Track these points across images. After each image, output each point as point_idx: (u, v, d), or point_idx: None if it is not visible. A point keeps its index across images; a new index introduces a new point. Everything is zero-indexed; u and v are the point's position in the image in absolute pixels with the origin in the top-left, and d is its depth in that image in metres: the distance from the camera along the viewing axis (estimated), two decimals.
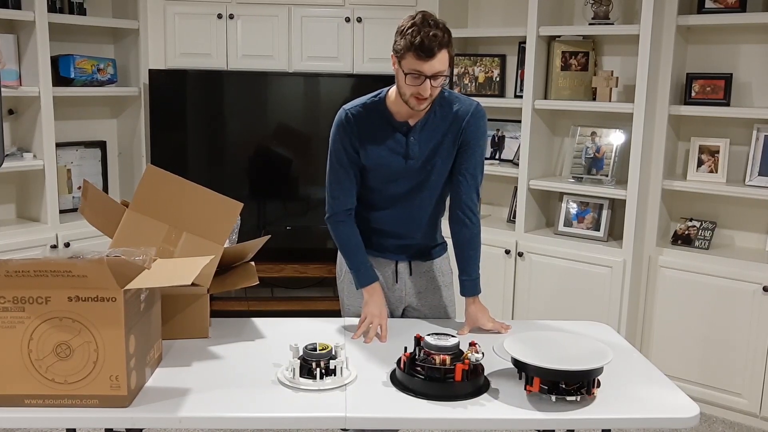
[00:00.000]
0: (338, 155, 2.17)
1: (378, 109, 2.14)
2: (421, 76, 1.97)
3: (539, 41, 3.65)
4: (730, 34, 3.41)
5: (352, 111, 2.15)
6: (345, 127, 2.15)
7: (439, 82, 2.00)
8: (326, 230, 2.26)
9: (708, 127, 3.50)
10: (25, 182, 3.66)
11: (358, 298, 2.29)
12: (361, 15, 3.96)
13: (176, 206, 2.02)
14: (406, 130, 2.14)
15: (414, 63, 1.96)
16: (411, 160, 2.15)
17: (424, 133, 2.14)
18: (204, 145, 4.00)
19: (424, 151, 2.15)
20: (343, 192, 2.19)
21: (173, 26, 3.91)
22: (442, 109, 2.15)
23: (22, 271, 1.54)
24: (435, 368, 1.73)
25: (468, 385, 1.73)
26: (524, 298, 3.72)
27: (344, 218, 2.21)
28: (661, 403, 1.71)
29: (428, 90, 1.98)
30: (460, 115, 2.15)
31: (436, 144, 2.15)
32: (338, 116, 2.17)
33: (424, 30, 1.93)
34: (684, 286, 3.37)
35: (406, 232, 2.26)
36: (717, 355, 3.31)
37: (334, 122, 2.18)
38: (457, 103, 2.16)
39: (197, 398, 1.67)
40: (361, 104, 2.17)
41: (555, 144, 3.93)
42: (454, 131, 2.15)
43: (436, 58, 1.95)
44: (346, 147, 2.15)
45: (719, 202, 3.51)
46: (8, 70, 3.45)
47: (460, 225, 2.21)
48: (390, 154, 2.15)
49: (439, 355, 1.76)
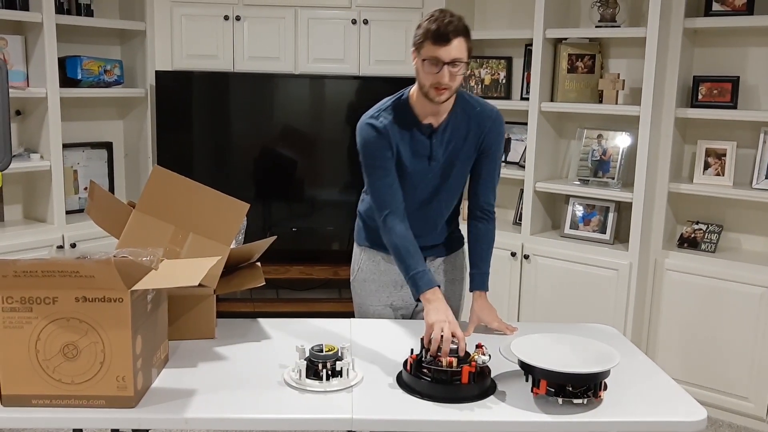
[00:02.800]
0: (380, 162, 2.12)
1: (403, 110, 2.14)
2: (438, 63, 1.99)
3: (546, 44, 3.65)
4: (738, 37, 3.40)
5: (382, 118, 2.13)
6: (381, 134, 2.11)
7: (457, 70, 2.01)
8: (332, 232, 2.26)
9: (715, 129, 3.49)
10: (32, 183, 3.67)
11: (370, 297, 2.30)
12: (367, 17, 3.97)
13: (183, 207, 2.02)
14: (429, 132, 2.15)
15: (431, 50, 1.99)
16: (434, 161, 2.17)
17: (446, 135, 2.16)
18: (210, 147, 4.01)
19: (446, 153, 2.17)
20: (391, 192, 2.13)
21: (180, 28, 3.92)
22: (464, 111, 2.17)
23: (30, 272, 1.54)
24: (442, 370, 1.73)
25: (475, 387, 1.73)
26: (530, 301, 3.72)
27: (397, 222, 2.12)
28: (668, 406, 1.71)
29: (446, 77, 2.00)
30: (482, 118, 2.18)
31: (458, 146, 2.17)
32: (366, 126, 2.13)
33: (440, 18, 1.98)
34: (690, 289, 3.36)
35: (422, 234, 2.25)
36: (723, 359, 3.30)
37: (361, 132, 2.14)
38: (478, 106, 2.19)
39: (203, 399, 1.67)
40: (386, 108, 2.15)
41: (561, 146, 3.93)
42: (475, 135, 2.18)
43: (452, 44, 1.98)
44: (386, 153, 2.11)
45: (726, 205, 3.50)
46: (16, 71, 3.46)
47: (476, 222, 2.27)
48: (415, 156, 2.16)
49: (445, 357, 1.76)
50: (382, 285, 2.32)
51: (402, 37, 3.98)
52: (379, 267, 2.32)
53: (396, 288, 2.32)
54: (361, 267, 2.35)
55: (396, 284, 2.31)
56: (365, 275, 2.34)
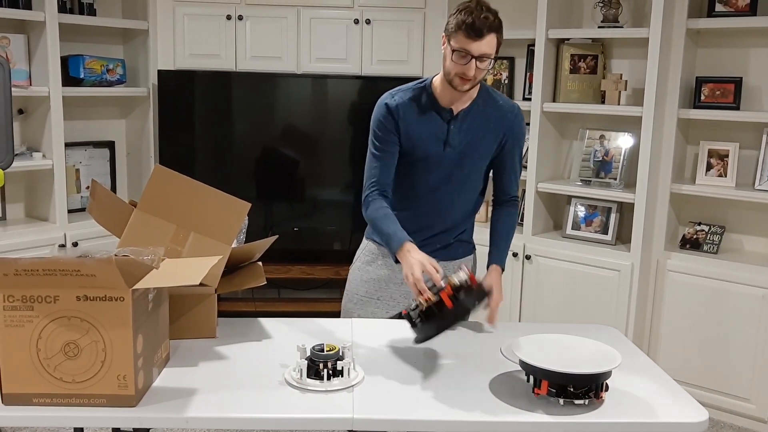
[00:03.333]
0: (378, 137, 2.19)
1: (423, 93, 2.19)
2: (467, 56, 2.01)
3: (548, 44, 3.64)
4: (741, 38, 3.39)
5: (397, 95, 2.19)
6: (388, 109, 2.17)
7: (484, 65, 2.04)
8: (333, 232, 2.27)
9: (717, 130, 3.48)
10: (34, 182, 3.67)
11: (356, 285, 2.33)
12: (370, 17, 3.96)
13: (184, 206, 2.01)
14: (449, 117, 2.17)
15: (462, 41, 2.01)
16: (449, 148, 2.18)
17: (465, 123, 2.18)
18: (212, 146, 4.01)
19: (463, 141, 2.18)
20: (380, 172, 2.18)
21: (182, 27, 3.92)
22: (486, 103, 2.20)
23: (31, 270, 1.54)
24: (427, 310, 1.80)
25: (463, 301, 1.78)
26: (532, 302, 3.71)
27: (378, 197, 2.18)
28: (669, 407, 1.70)
29: (473, 70, 2.03)
30: (503, 111, 2.21)
31: (477, 136, 2.19)
32: (381, 100, 2.20)
33: (476, 11, 1.99)
34: (692, 291, 3.36)
35: (430, 224, 2.25)
36: (725, 360, 3.29)
37: (376, 109, 2.20)
38: (500, 100, 2.24)
39: (204, 398, 1.67)
40: (407, 88, 2.21)
41: (563, 147, 3.92)
42: (496, 128, 2.20)
43: (484, 40, 2.00)
44: (388, 129, 2.17)
45: (728, 206, 3.50)
46: (19, 70, 3.47)
47: (500, 208, 2.33)
48: (430, 137, 2.17)
49: (424, 295, 1.83)
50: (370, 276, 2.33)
51: (404, 37, 3.98)
52: (377, 261, 2.33)
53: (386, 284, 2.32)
54: (360, 257, 2.38)
55: (389, 280, 2.32)
56: (360, 264, 2.36)
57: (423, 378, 1.81)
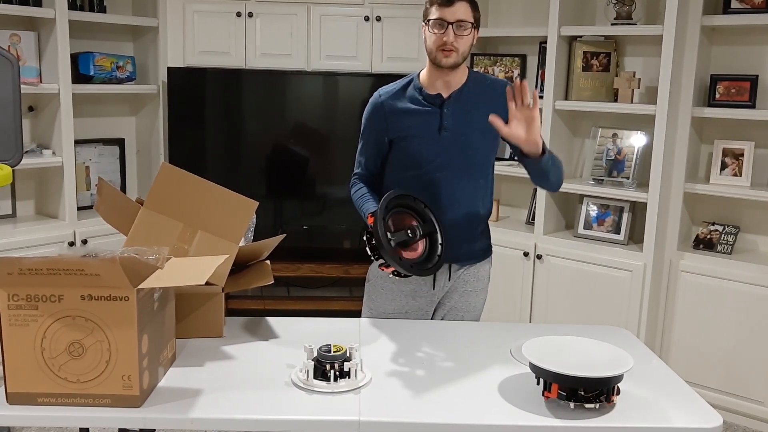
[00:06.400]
0: (367, 134, 2.30)
1: (410, 85, 2.24)
2: (444, 24, 2.07)
3: (560, 41, 3.61)
4: (757, 35, 3.34)
5: (383, 92, 2.27)
6: (374, 107, 2.26)
7: (463, 32, 2.08)
8: (343, 230, 2.26)
9: (732, 129, 3.43)
10: (44, 179, 3.68)
11: (383, 302, 2.29)
12: (380, 14, 3.94)
13: (191, 204, 2.00)
14: (440, 102, 2.18)
15: (436, 12, 2.08)
16: (445, 132, 2.18)
17: (459, 105, 2.18)
18: (222, 144, 4.00)
19: (459, 121, 2.17)
20: (365, 158, 2.32)
21: (192, 24, 3.91)
22: (476, 84, 2.22)
23: (35, 270, 1.53)
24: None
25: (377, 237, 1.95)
26: (542, 302, 3.68)
27: (357, 182, 2.33)
28: (683, 412, 1.67)
29: (452, 36, 2.07)
30: (496, 87, 2.21)
31: (472, 115, 2.17)
32: (370, 100, 2.30)
33: None
34: (705, 292, 3.31)
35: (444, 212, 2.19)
36: (739, 362, 3.25)
37: (368, 105, 2.31)
38: (490, 79, 2.28)
39: (210, 399, 1.65)
40: (393, 84, 2.28)
41: (575, 145, 3.89)
42: (492, 103, 2.15)
43: (456, 6, 2.06)
44: (374, 127, 2.27)
45: (743, 206, 3.45)
46: (29, 68, 3.47)
47: None
48: (423, 124, 2.18)
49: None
50: (399, 293, 2.29)
51: (415, 34, 3.96)
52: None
53: (413, 298, 2.29)
54: (380, 273, 2.27)
55: (414, 294, 2.28)
56: (384, 282, 2.29)
57: (431, 380, 1.79)
